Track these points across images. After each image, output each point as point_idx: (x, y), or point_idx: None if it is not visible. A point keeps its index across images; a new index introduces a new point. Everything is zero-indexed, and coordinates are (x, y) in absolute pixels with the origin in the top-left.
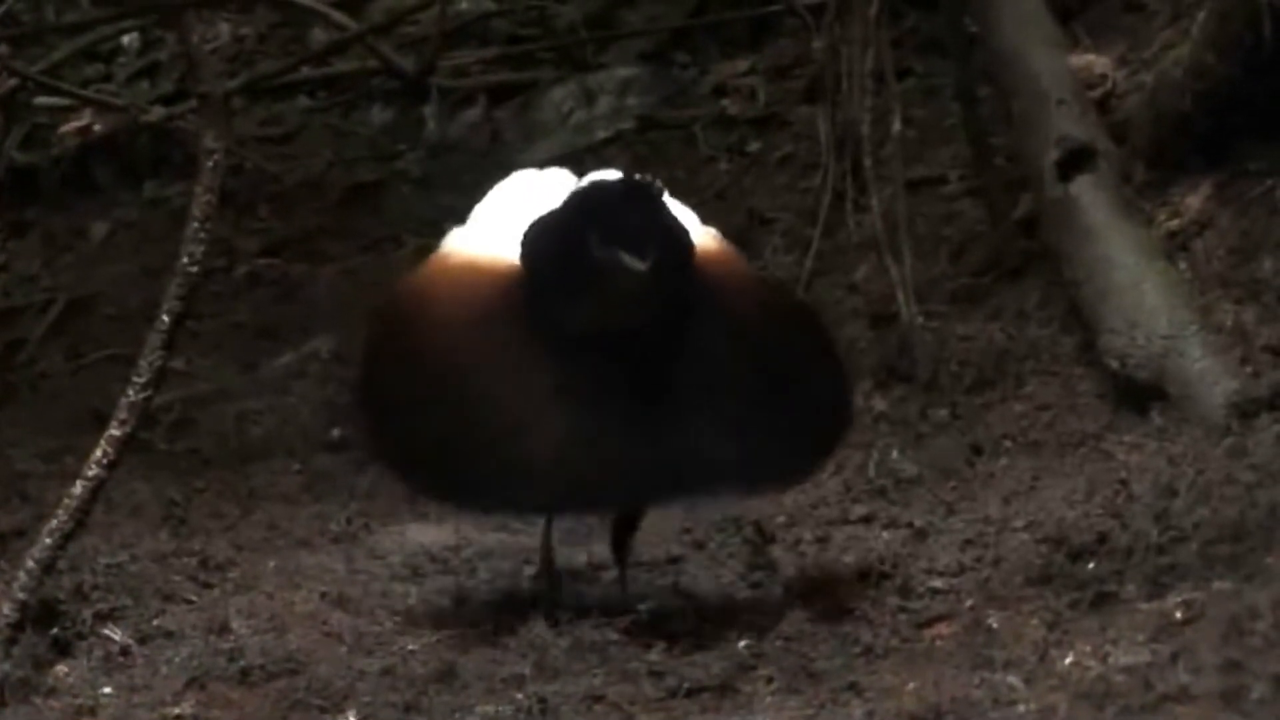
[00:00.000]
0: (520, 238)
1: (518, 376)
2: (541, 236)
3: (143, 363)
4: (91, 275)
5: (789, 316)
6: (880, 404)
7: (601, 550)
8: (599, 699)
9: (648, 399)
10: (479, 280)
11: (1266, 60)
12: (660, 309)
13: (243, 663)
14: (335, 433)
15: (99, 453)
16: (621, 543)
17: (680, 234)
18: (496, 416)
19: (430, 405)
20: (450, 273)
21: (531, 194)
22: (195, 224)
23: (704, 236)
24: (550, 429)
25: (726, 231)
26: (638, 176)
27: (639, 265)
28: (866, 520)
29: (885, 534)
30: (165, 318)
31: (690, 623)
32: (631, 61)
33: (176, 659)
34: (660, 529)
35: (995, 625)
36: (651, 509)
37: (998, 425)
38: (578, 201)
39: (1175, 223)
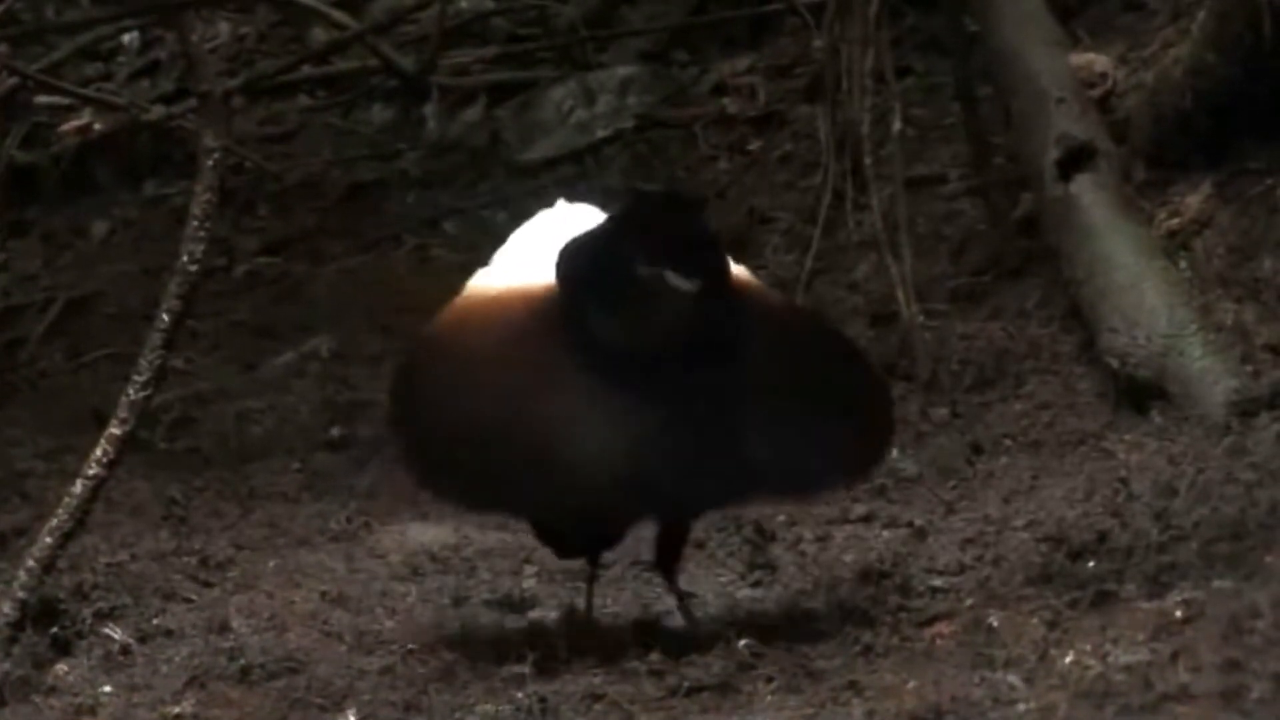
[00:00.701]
0: (557, 256)
1: (558, 396)
2: (581, 254)
3: (143, 362)
4: (91, 274)
5: (826, 338)
6: None
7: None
8: (599, 698)
9: (689, 412)
10: (514, 305)
11: (1266, 59)
12: (706, 329)
13: (243, 662)
14: (335, 432)
15: (99, 452)
16: (666, 560)
17: (723, 253)
18: (538, 435)
19: (475, 429)
20: (484, 303)
21: (556, 229)
22: (195, 223)
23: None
24: (592, 444)
25: (727, 230)
26: (679, 192)
27: (686, 285)
28: (866, 519)
29: (885, 533)
30: (165, 317)
31: (690, 622)
32: (631, 60)
33: (176, 658)
34: None
35: (995, 624)
36: (704, 515)
37: (998, 424)
38: (620, 218)
39: (1175, 222)
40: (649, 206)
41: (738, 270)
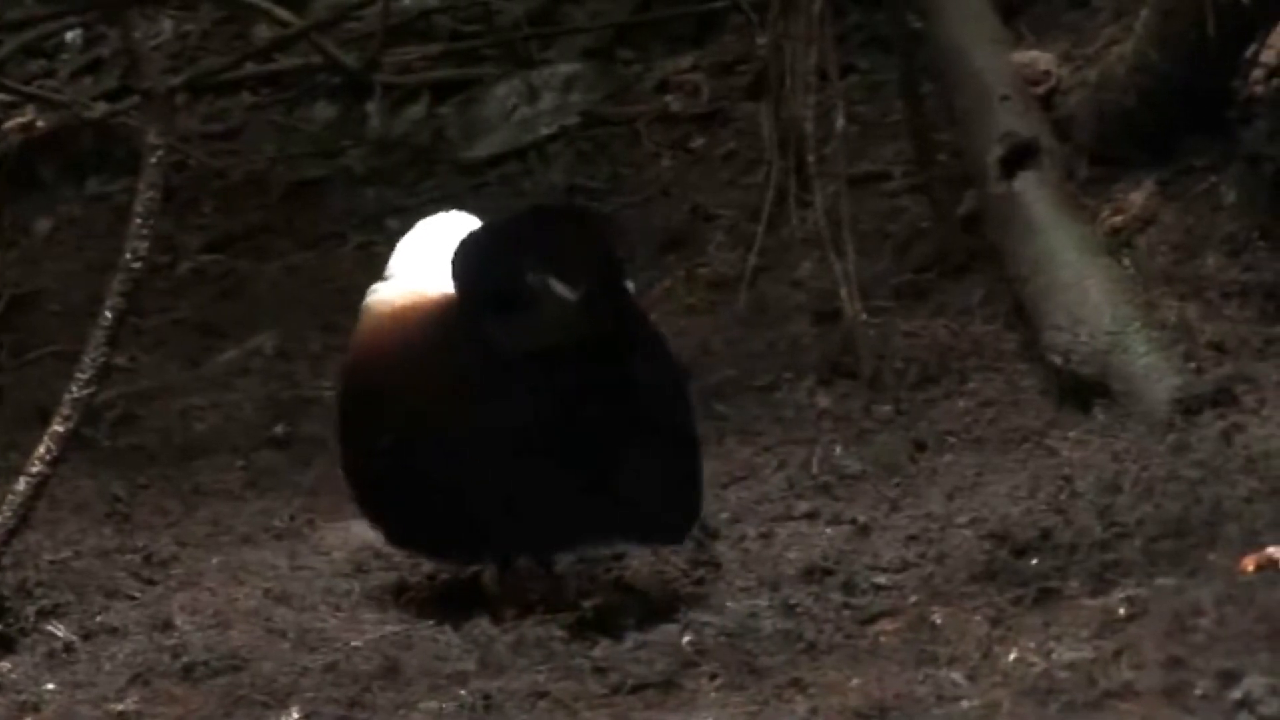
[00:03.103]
0: (452, 259)
1: (453, 416)
2: (475, 258)
3: (86, 359)
4: (35, 272)
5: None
6: (823, 400)
7: None
8: (543, 695)
9: (580, 440)
10: (413, 317)
11: (1210, 56)
12: (594, 337)
13: (186, 659)
14: (279, 429)
15: (42, 449)
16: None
17: (616, 264)
18: (433, 461)
19: (379, 451)
20: (388, 317)
21: (442, 237)
22: (138, 220)
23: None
24: (483, 473)
25: (670, 228)
26: (581, 205)
27: (569, 294)
28: (810, 516)
29: (829, 530)
30: (109, 314)
31: (633, 619)
32: (575, 58)
33: (120, 655)
34: None
35: (939, 621)
36: (574, 553)
37: (941, 421)
38: (517, 224)
39: (1119, 219)
40: (543, 216)
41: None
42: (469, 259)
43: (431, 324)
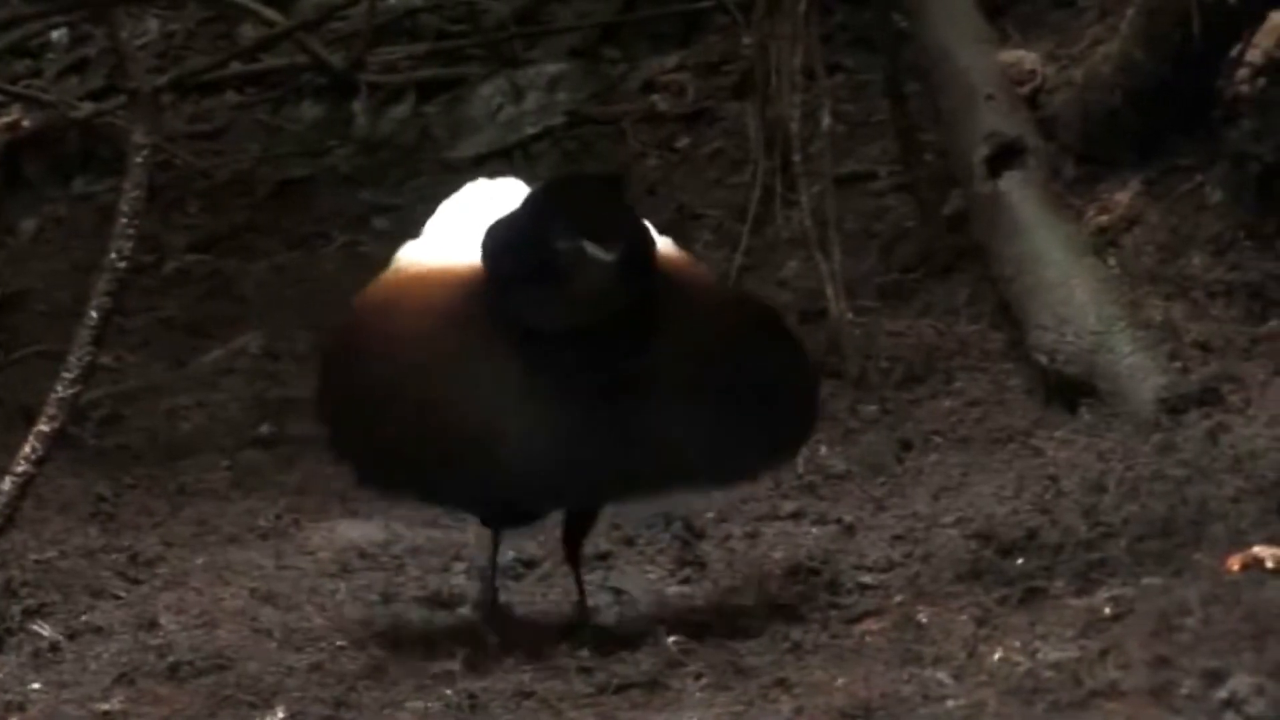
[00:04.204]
0: (481, 237)
1: (480, 378)
2: (504, 233)
3: (72, 359)
4: (20, 271)
5: (755, 319)
6: None
7: (529, 547)
8: (528, 695)
9: (612, 397)
10: (438, 285)
11: (1195, 56)
12: (627, 303)
13: (171, 659)
14: (264, 429)
15: (28, 448)
16: (575, 546)
17: (643, 227)
18: (459, 418)
19: (393, 409)
20: (409, 282)
21: (485, 203)
22: (124, 220)
23: (664, 242)
24: (513, 428)
25: (656, 227)
26: (595, 171)
27: (605, 256)
28: (796, 516)
29: (814, 530)
30: (94, 313)
31: (620, 619)
32: (561, 57)
33: (105, 655)
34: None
35: (924, 621)
36: (613, 506)
37: (927, 421)
38: (541, 195)
39: (1104, 219)
40: (566, 185)
41: (668, 247)
42: (497, 238)
43: (456, 294)
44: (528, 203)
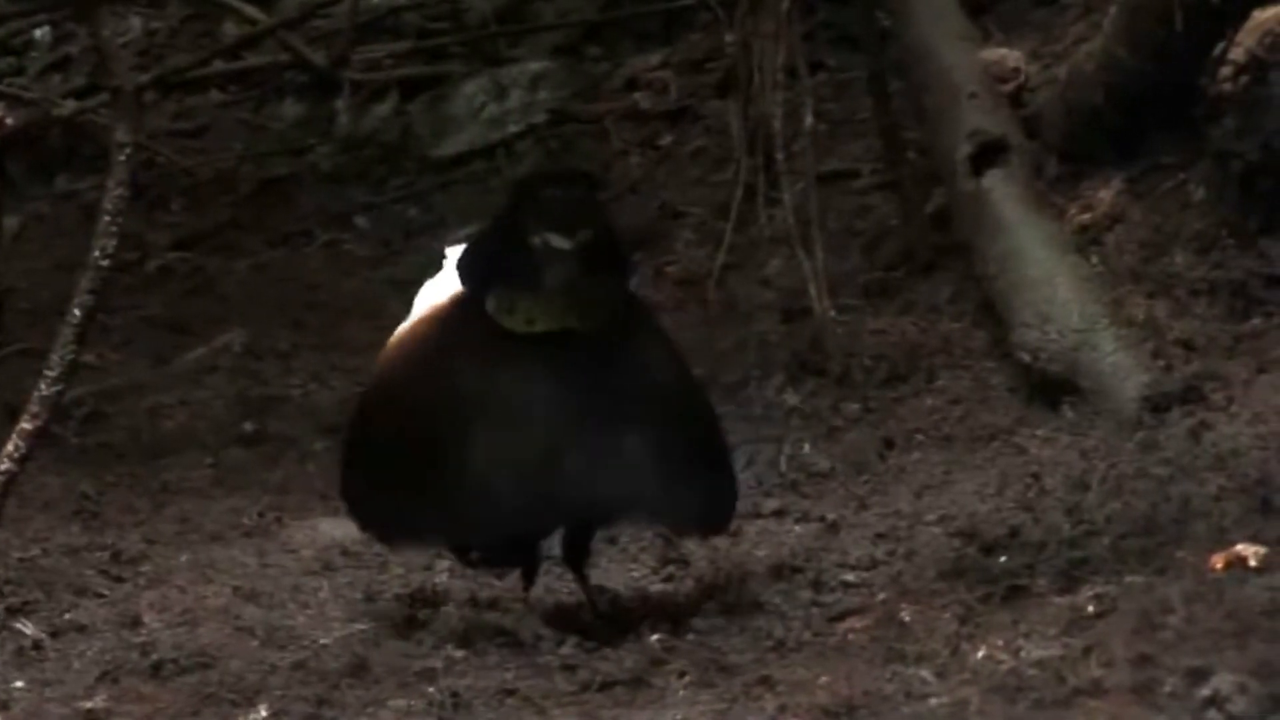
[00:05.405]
0: (459, 256)
1: (465, 411)
2: (474, 242)
3: (54, 357)
4: (3, 270)
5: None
6: (792, 398)
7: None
8: (511, 693)
9: (581, 418)
10: (428, 317)
11: (1178, 54)
12: (596, 300)
13: (155, 657)
14: (247, 426)
15: (10, 446)
16: (578, 558)
17: (608, 219)
18: (438, 449)
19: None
20: (403, 334)
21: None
22: (107, 218)
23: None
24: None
25: (639, 225)
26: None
27: (566, 243)
28: (779, 514)
29: (797, 528)
30: (77, 312)
31: (603, 617)
32: (543, 55)
33: (88, 653)
34: None
35: (907, 619)
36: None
37: (910, 419)
38: (511, 203)
39: (1087, 216)
40: (532, 184)
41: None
42: (468, 249)
43: (442, 320)
44: (501, 212)
